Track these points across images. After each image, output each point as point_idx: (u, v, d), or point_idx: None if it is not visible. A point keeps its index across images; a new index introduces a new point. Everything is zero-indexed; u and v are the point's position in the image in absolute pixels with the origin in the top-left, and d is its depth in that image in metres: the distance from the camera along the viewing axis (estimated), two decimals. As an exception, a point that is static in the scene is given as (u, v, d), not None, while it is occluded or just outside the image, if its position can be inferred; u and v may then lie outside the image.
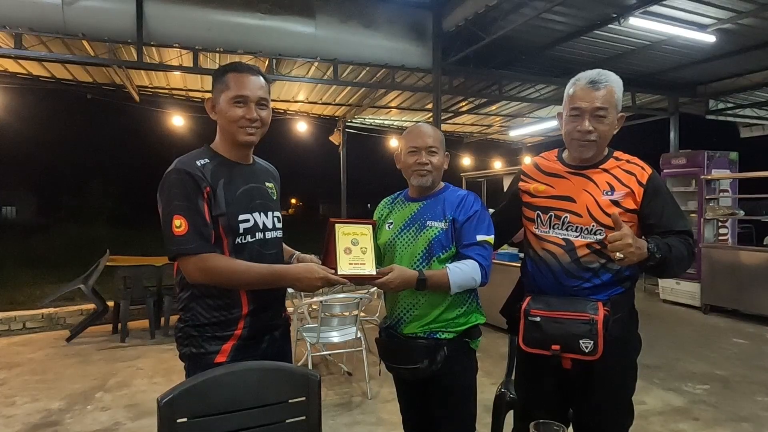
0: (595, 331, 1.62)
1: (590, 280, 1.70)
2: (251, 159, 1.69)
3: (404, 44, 6.69)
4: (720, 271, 6.57)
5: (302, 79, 7.22)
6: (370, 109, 10.01)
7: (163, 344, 5.16)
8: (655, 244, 1.56)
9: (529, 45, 7.12)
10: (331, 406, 3.59)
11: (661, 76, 8.37)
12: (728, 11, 5.76)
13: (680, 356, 4.78)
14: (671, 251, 1.58)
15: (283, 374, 1.41)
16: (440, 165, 1.80)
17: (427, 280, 1.69)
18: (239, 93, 1.54)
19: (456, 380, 1.81)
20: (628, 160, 1.74)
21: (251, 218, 1.58)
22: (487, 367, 3.86)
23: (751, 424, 3.32)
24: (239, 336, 1.55)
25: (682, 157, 7.48)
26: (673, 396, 3.80)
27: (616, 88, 1.66)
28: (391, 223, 1.89)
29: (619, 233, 1.51)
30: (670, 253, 1.58)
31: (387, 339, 1.89)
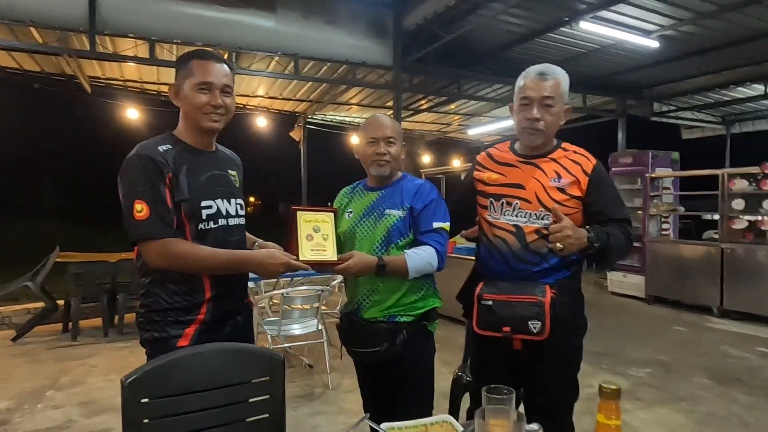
0: (542, 312, 1.73)
1: (539, 264, 1.81)
2: (214, 146, 1.71)
3: (365, 41, 6.75)
4: (663, 264, 6.97)
5: (262, 74, 7.16)
6: (331, 105, 10.00)
7: (118, 342, 5.02)
8: (595, 234, 1.68)
9: (487, 45, 7.32)
10: (293, 398, 3.62)
11: (610, 78, 8.77)
12: (670, 18, 6.12)
13: (626, 343, 5.05)
14: (610, 239, 1.71)
15: (247, 355, 1.45)
16: (398, 155, 1.88)
17: (387, 265, 1.76)
18: (204, 79, 1.56)
19: (415, 361, 1.89)
20: (575, 150, 1.87)
21: (214, 205, 1.61)
22: (446, 357, 3.97)
23: (688, 402, 3.57)
24: (202, 320, 1.58)
25: (629, 156, 7.88)
26: (619, 379, 4.03)
27: (562, 81, 1.79)
28: (350, 212, 1.95)
29: (559, 225, 1.62)
30: (608, 242, 1.70)
31: (348, 324, 1.95)
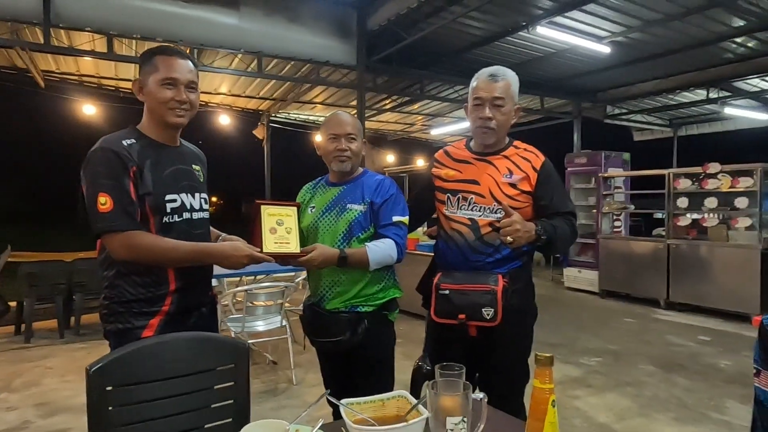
0: (495, 300, 1.84)
1: (492, 255, 1.93)
2: (178, 141, 1.73)
3: (329, 41, 6.79)
4: (615, 260, 7.31)
5: (225, 71, 7.09)
6: (295, 104, 9.98)
7: (75, 343, 4.90)
8: (542, 227, 1.80)
9: (449, 47, 7.49)
10: (257, 393, 3.65)
11: (566, 82, 9.11)
12: (620, 25, 6.43)
13: (579, 335, 5.30)
14: (556, 231, 1.84)
15: (212, 343, 1.49)
16: (359, 151, 1.95)
17: (348, 257, 1.83)
18: (169, 75, 1.59)
19: (376, 349, 1.97)
20: (526, 148, 2.00)
21: (178, 198, 1.64)
22: (409, 351, 4.07)
23: (634, 387, 3.80)
24: (166, 312, 1.61)
25: (584, 157, 8.22)
26: (572, 368, 4.24)
27: (512, 82, 1.90)
28: (313, 207, 2.01)
29: (509, 219, 1.73)
30: (555, 234, 1.83)
31: (311, 315, 2.02)
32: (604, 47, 6.73)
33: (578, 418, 3.26)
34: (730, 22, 6.36)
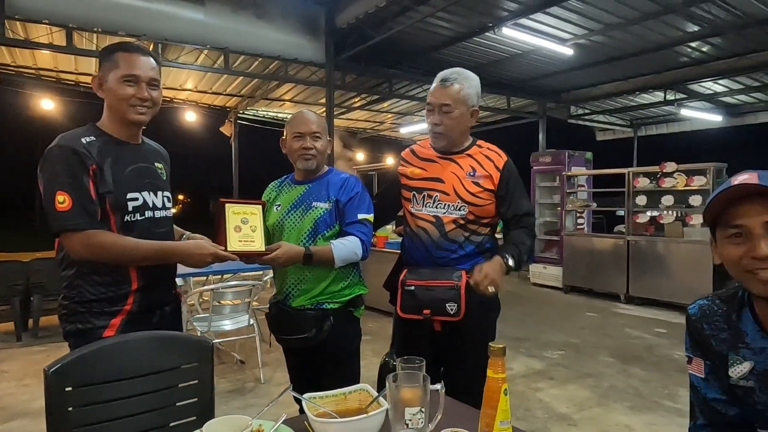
0: (458, 295, 1.89)
1: (456, 252, 1.98)
2: (140, 139, 1.71)
3: (297, 38, 6.76)
4: (578, 256, 7.53)
5: (191, 67, 6.96)
6: (264, 101, 9.88)
7: (33, 346, 4.74)
8: (510, 256, 1.86)
9: (417, 47, 7.56)
10: (224, 393, 3.63)
11: (532, 82, 9.32)
12: (582, 28, 6.64)
13: (543, 329, 5.45)
14: (520, 251, 1.91)
15: (175, 342, 1.48)
16: (324, 150, 1.97)
17: (313, 255, 1.84)
18: (130, 72, 1.57)
19: (342, 345, 1.99)
20: (489, 147, 2.05)
21: (140, 197, 1.62)
22: (378, 348, 4.13)
23: (594, 379, 3.94)
24: (128, 311, 1.59)
25: (548, 156, 8.43)
26: (535, 361, 4.36)
27: (466, 86, 1.93)
28: (278, 205, 2.02)
29: (478, 275, 1.77)
30: (520, 254, 1.91)
31: (277, 312, 2.02)
32: (567, 49, 6.92)
33: (540, 410, 3.36)
34: (685, 28, 6.63)
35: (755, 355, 1.02)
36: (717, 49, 7.47)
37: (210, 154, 22.43)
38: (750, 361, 1.01)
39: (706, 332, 1.10)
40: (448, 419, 1.09)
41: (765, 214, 0.92)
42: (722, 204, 0.96)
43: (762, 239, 0.91)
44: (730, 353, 1.05)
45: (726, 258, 0.98)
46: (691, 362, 1.13)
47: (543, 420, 3.21)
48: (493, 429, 0.95)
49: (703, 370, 1.10)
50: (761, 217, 0.92)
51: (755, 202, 0.93)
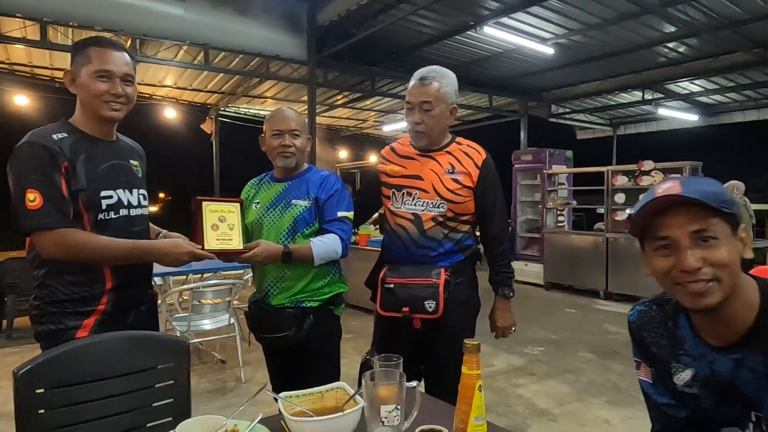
0: (437, 293, 1.90)
1: (435, 249, 1.99)
2: (114, 136, 1.68)
3: (279, 35, 6.70)
4: (558, 253, 7.62)
5: (170, 63, 6.86)
6: (245, 98, 9.79)
7: (6, 348, 4.63)
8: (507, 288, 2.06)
9: (399, 45, 7.56)
10: (205, 393, 3.59)
11: (513, 81, 9.39)
12: (562, 28, 6.71)
13: (524, 326, 5.49)
14: (511, 277, 2.08)
15: (150, 342, 1.46)
16: (303, 147, 1.96)
17: (292, 253, 1.83)
18: (103, 67, 1.54)
19: (322, 344, 1.98)
20: (468, 145, 2.06)
21: (115, 195, 1.59)
22: (360, 346, 4.12)
23: (573, 374, 4.00)
24: (102, 311, 1.56)
25: (529, 154, 8.51)
26: (516, 358, 4.41)
27: (444, 84, 1.94)
28: (257, 203, 2.00)
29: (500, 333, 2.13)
30: (512, 279, 2.07)
31: (256, 311, 2.01)
32: (548, 48, 6.98)
33: (521, 405, 3.40)
34: (662, 28, 6.75)
35: (695, 362, 1.00)
36: (693, 49, 7.61)
37: (191, 152, 22.12)
38: (691, 368, 1.00)
39: (647, 340, 1.08)
40: (425, 416, 1.09)
41: (690, 224, 0.88)
42: (648, 215, 0.92)
43: (689, 250, 0.88)
44: (672, 361, 1.04)
45: (655, 271, 0.95)
46: (639, 368, 1.11)
47: (523, 416, 3.25)
48: (468, 425, 0.96)
49: (651, 376, 1.09)
50: (687, 227, 0.89)
51: (680, 213, 0.89)
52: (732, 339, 0.95)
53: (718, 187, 0.91)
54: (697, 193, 0.87)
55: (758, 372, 0.92)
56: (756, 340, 0.92)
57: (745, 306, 0.93)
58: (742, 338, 0.93)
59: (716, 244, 0.88)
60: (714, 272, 0.88)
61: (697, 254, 0.88)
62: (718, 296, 0.89)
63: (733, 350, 0.95)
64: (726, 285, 0.89)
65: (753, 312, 0.93)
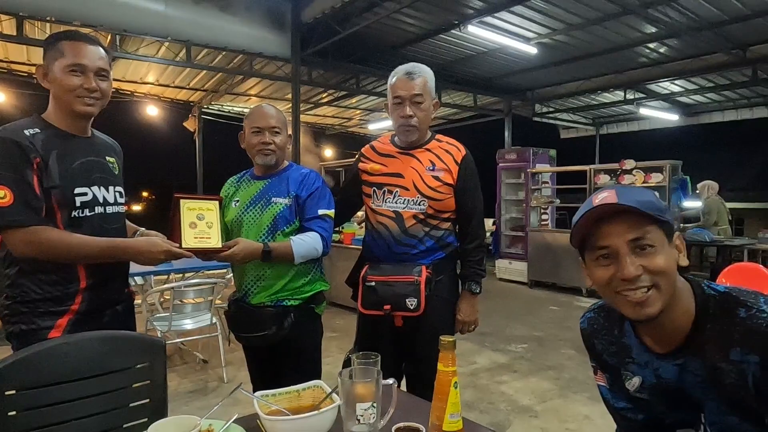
0: (418, 290, 1.91)
1: (416, 247, 1.99)
2: (89, 132, 1.65)
3: (262, 32, 6.64)
4: (542, 251, 7.68)
5: (151, 59, 6.76)
6: (229, 95, 9.70)
7: (-18, 349, 4.53)
8: (474, 283, 2.03)
9: (384, 43, 7.55)
10: (186, 393, 3.56)
11: (498, 80, 9.44)
12: (545, 28, 6.76)
13: (508, 323, 5.54)
14: (481, 274, 2.06)
15: (125, 342, 1.43)
16: (283, 145, 1.94)
17: (272, 251, 1.82)
18: (76, 61, 1.51)
19: (303, 342, 1.97)
20: (448, 141, 2.07)
21: (90, 192, 1.56)
22: (344, 344, 4.11)
23: (555, 371, 4.04)
24: (76, 311, 1.53)
25: (513, 153, 8.55)
26: (499, 355, 4.44)
27: (428, 78, 1.96)
28: (237, 201, 1.98)
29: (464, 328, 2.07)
30: (482, 276, 2.06)
31: (236, 310, 1.99)
32: (532, 48, 7.03)
33: (504, 402, 3.42)
34: (643, 29, 6.83)
35: (642, 369, 1.02)
36: (673, 50, 7.72)
37: (174, 150, 21.75)
38: (638, 375, 1.02)
39: (598, 347, 1.10)
40: (403, 413, 1.09)
41: (628, 232, 0.90)
42: (586, 225, 0.93)
43: (627, 258, 0.89)
44: (621, 368, 1.06)
45: (596, 281, 0.96)
46: (596, 373, 1.13)
47: (506, 412, 3.27)
48: (444, 422, 0.96)
49: (606, 382, 1.11)
50: (625, 236, 0.90)
51: (618, 221, 0.90)
52: (673, 345, 0.96)
53: (651, 196, 0.93)
54: (632, 202, 0.88)
55: (700, 376, 0.93)
56: (694, 345, 0.94)
57: (683, 312, 0.94)
58: (683, 344, 0.95)
59: (653, 252, 0.90)
60: (652, 279, 0.90)
61: (636, 262, 0.89)
62: (658, 305, 0.90)
63: (675, 356, 0.96)
64: (665, 292, 0.90)
65: (690, 317, 0.94)
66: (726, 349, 0.89)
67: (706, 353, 0.92)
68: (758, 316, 0.88)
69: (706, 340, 0.92)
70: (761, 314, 0.87)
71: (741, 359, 0.87)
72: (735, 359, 0.88)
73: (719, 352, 0.90)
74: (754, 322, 0.87)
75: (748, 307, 0.89)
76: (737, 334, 0.88)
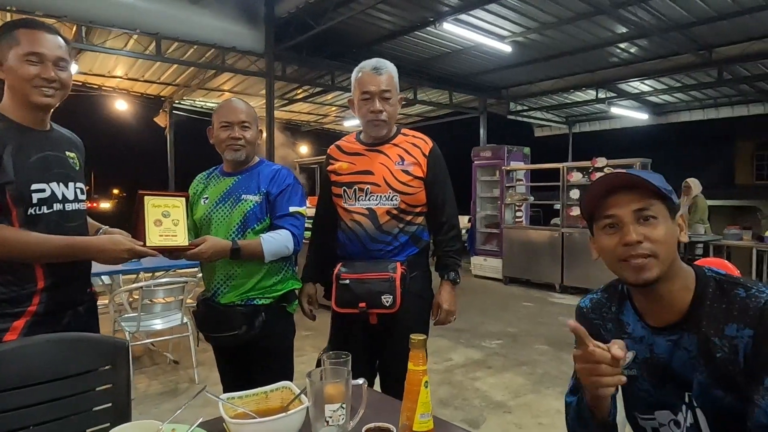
0: (393, 287, 1.88)
1: (391, 243, 1.97)
2: (48, 125, 1.58)
3: (235, 26, 6.52)
4: (516, 248, 7.76)
5: (119, 52, 6.57)
6: (201, 90, 9.51)
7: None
8: (453, 272, 2.01)
9: (359, 39, 7.50)
10: (156, 395, 3.47)
11: (473, 78, 9.50)
12: (519, 26, 6.82)
13: (483, 320, 5.58)
14: (459, 262, 2.04)
15: (86, 344, 1.38)
16: (253, 140, 1.90)
17: (241, 249, 1.77)
18: (33, 50, 1.43)
19: (274, 342, 1.94)
20: (414, 135, 2.06)
21: (48, 188, 1.49)
22: (320, 344, 4.08)
23: (529, 366, 4.08)
24: (34, 312, 1.46)
25: (488, 151, 8.62)
26: (474, 351, 4.46)
27: (393, 74, 1.95)
28: (206, 198, 1.93)
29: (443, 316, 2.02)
30: (459, 265, 2.04)
31: (205, 309, 1.94)
32: (506, 46, 7.09)
33: (477, 399, 3.44)
34: (614, 29, 6.96)
35: (636, 344, 1.07)
36: (643, 50, 7.89)
37: (144, 146, 21.24)
38: (632, 350, 1.06)
39: (596, 322, 1.15)
40: (374, 414, 1.07)
41: (633, 203, 0.98)
42: (597, 198, 1.01)
43: (631, 226, 0.97)
44: None
45: (602, 249, 1.03)
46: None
47: (480, 408, 3.29)
48: (414, 422, 0.94)
49: None
50: (630, 206, 0.98)
51: (626, 193, 0.98)
52: (670, 320, 1.02)
53: (659, 177, 1.01)
54: (641, 176, 0.97)
55: (692, 351, 0.99)
56: (691, 321, 1.00)
57: (682, 288, 1.01)
58: (680, 320, 1.01)
59: (656, 223, 0.97)
60: (652, 248, 0.96)
61: (639, 230, 0.97)
62: (656, 271, 0.96)
63: (671, 331, 1.02)
64: (663, 260, 0.97)
65: (689, 294, 1.01)
66: (722, 324, 0.95)
67: (702, 328, 0.97)
68: (757, 295, 0.94)
69: (704, 316, 0.98)
70: (760, 294, 0.94)
71: (735, 334, 0.94)
72: (729, 334, 0.94)
73: (715, 327, 0.96)
74: (753, 301, 0.94)
75: (747, 287, 0.96)
76: (735, 311, 0.95)
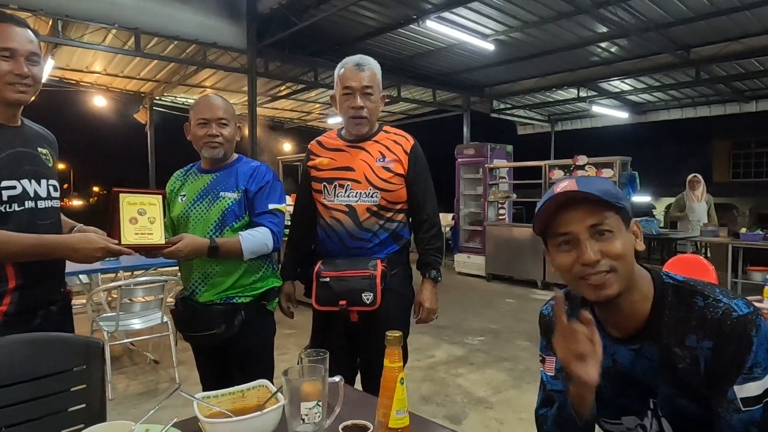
0: (374, 284, 1.88)
1: (371, 241, 1.96)
2: (19, 120, 1.54)
3: (217, 21, 6.45)
4: (499, 245, 7.81)
5: (97, 47, 6.43)
6: (183, 87, 9.37)
7: None
8: (435, 273, 2.01)
9: (342, 36, 7.47)
10: (136, 395, 3.42)
11: (456, 76, 9.53)
12: (502, 25, 6.86)
13: (466, 316, 5.62)
14: (440, 261, 2.04)
15: (58, 344, 1.35)
16: (232, 137, 1.87)
17: (220, 247, 1.75)
18: (4, 45, 1.40)
19: (254, 340, 1.92)
20: (396, 132, 2.05)
21: (19, 185, 1.46)
22: (302, 342, 4.06)
23: (510, 362, 4.12)
24: (5, 312, 1.43)
25: (472, 148, 8.65)
26: (457, 348, 4.49)
27: (376, 71, 1.94)
28: (183, 196, 1.90)
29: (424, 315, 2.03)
30: (440, 263, 2.04)
31: (183, 308, 1.92)
32: (489, 44, 7.12)
33: (459, 395, 3.46)
34: (595, 29, 7.04)
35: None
36: (623, 50, 8.00)
37: (124, 143, 20.87)
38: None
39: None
40: (352, 411, 1.07)
41: (587, 218, 0.93)
42: (549, 213, 0.97)
43: (587, 243, 0.93)
44: None
45: (558, 266, 0.99)
46: (544, 362, 1.15)
47: (462, 405, 3.31)
48: (390, 419, 0.94)
49: (554, 368, 1.12)
50: (584, 221, 0.93)
51: (578, 208, 0.94)
52: (631, 330, 1.00)
53: (609, 185, 0.97)
54: (591, 189, 0.92)
55: (654, 360, 0.98)
56: (652, 330, 0.98)
57: (641, 297, 0.98)
58: (641, 329, 0.99)
59: (611, 237, 0.94)
60: (610, 263, 0.93)
61: (595, 247, 0.93)
62: (616, 287, 0.94)
63: (633, 341, 1.00)
64: (622, 275, 0.94)
65: (648, 303, 0.99)
66: (682, 335, 0.94)
67: (663, 338, 0.96)
68: (714, 305, 0.93)
69: (664, 326, 0.96)
70: (717, 304, 0.93)
71: (696, 345, 0.92)
72: (690, 345, 0.93)
73: (676, 337, 0.95)
74: (710, 311, 0.92)
75: (705, 296, 0.95)
76: (694, 321, 0.94)
